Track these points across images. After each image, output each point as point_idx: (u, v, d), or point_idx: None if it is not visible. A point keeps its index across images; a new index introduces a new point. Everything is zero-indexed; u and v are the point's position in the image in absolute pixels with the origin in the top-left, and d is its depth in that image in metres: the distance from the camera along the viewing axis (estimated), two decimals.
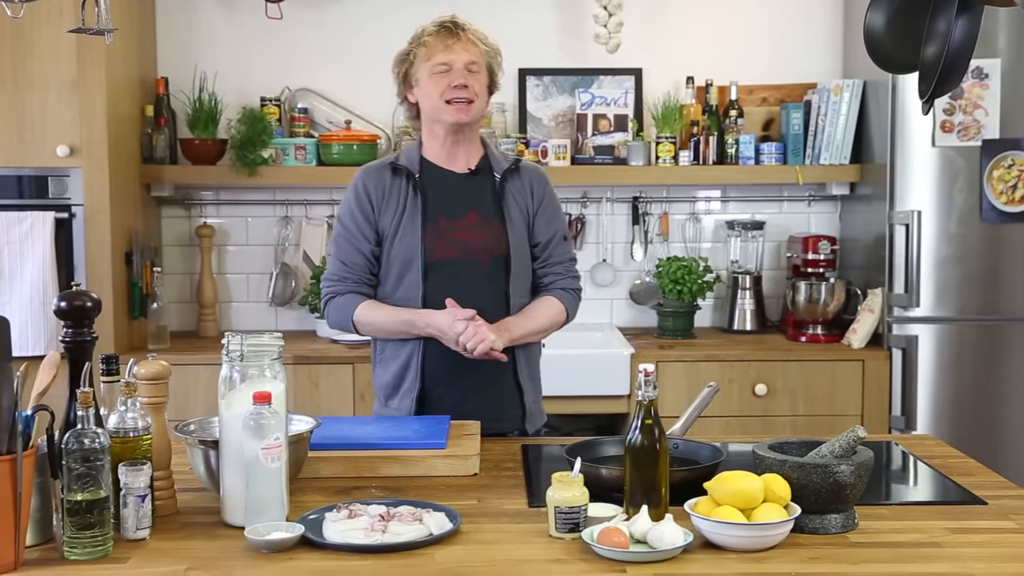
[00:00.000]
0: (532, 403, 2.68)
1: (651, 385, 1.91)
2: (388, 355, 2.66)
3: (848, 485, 1.87)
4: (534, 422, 2.69)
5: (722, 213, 4.39)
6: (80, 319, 1.93)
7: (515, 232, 2.61)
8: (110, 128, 3.72)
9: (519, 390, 2.64)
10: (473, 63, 2.57)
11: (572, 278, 2.72)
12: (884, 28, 2.43)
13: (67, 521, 1.76)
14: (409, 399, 2.61)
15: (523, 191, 2.65)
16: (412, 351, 2.60)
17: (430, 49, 2.57)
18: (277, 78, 4.25)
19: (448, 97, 2.55)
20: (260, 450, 1.85)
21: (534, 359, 2.71)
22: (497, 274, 2.60)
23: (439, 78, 2.56)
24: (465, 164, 2.65)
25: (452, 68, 2.55)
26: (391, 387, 2.66)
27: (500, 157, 2.69)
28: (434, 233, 2.58)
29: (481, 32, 2.64)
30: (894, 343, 3.82)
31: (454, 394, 2.60)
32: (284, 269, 4.27)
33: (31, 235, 3.67)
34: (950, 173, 3.77)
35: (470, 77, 2.56)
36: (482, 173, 2.65)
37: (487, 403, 2.59)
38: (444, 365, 2.57)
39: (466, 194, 2.62)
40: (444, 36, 2.57)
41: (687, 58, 4.29)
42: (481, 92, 2.59)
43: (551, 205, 2.69)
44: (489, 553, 1.80)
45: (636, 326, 4.32)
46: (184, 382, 3.62)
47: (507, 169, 2.65)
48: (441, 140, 2.63)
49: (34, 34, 3.62)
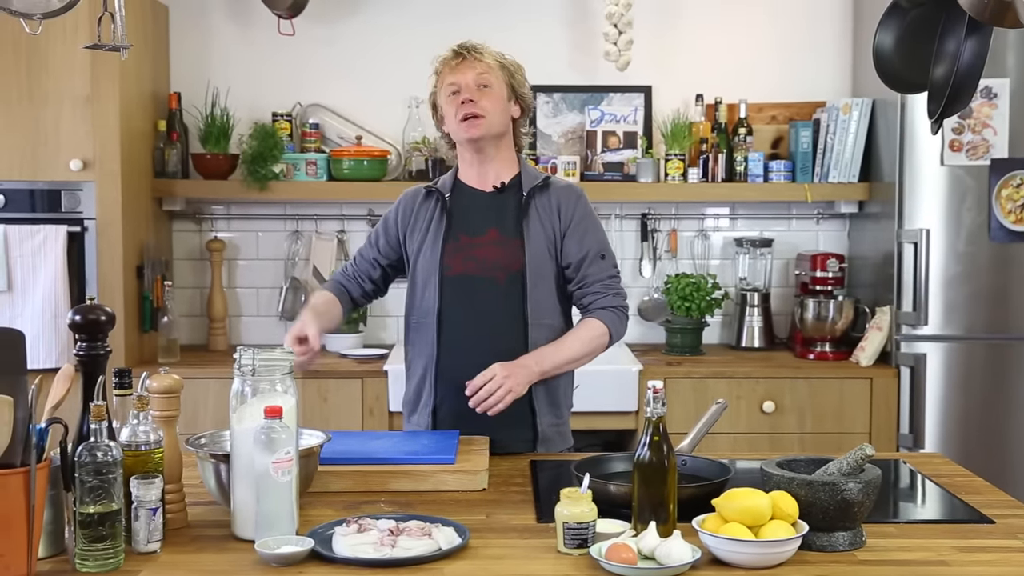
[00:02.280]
0: (548, 427, 2.63)
1: (659, 402, 1.92)
2: (411, 371, 2.70)
3: (856, 503, 1.87)
4: (548, 446, 2.63)
5: (731, 230, 4.40)
6: (94, 333, 1.94)
7: (533, 249, 2.59)
8: (123, 143, 3.75)
9: (532, 412, 2.61)
10: (482, 77, 2.58)
11: (613, 295, 2.65)
12: (893, 48, 2.45)
13: (79, 533, 1.77)
14: (426, 414, 2.64)
15: (549, 210, 2.62)
16: (427, 364, 2.63)
17: (442, 76, 2.63)
18: (289, 94, 4.27)
19: (460, 115, 2.58)
20: (271, 464, 1.86)
21: (554, 385, 2.64)
22: (514, 291, 2.59)
23: (452, 99, 2.60)
24: (495, 181, 2.66)
25: (460, 88, 2.59)
26: (412, 403, 2.70)
27: (532, 175, 2.68)
28: (454, 249, 2.61)
29: (494, 50, 2.65)
30: (902, 361, 3.82)
31: (461, 412, 2.54)
32: (294, 283, 4.28)
33: (44, 248, 3.69)
34: (959, 192, 3.77)
35: (479, 93, 2.57)
36: (510, 191, 2.65)
37: (495, 423, 2.52)
38: (455, 380, 2.56)
39: (490, 212, 2.63)
40: (451, 60, 2.62)
41: (697, 76, 4.31)
42: (493, 108, 2.58)
43: (583, 223, 2.63)
44: (497, 568, 1.80)
45: (644, 342, 4.33)
46: (194, 396, 3.63)
47: (534, 187, 2.64)
48: (469, 161, 2.67)
49: (49, 50, 3.65)
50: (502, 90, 2.62)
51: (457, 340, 2.60)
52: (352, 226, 4.32)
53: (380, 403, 3.73)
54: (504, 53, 2.68)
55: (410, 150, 4.18)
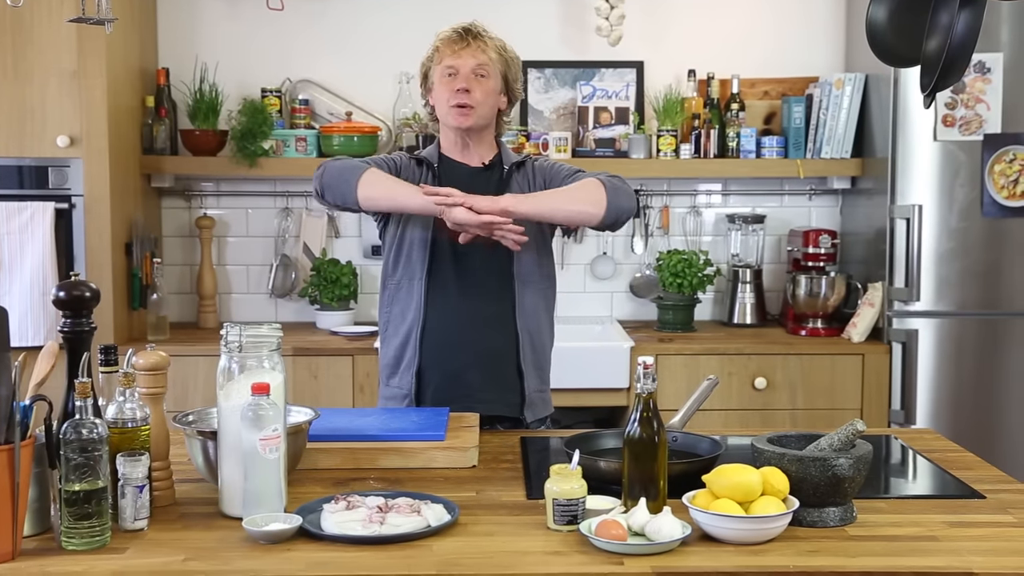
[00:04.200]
0: (534, 391, 2.66)
1: (650, 378, 1.91)
2: (390, 332, 2.68)
3: (847, 479, 1.87)
4: (534, 411, 2.67)
5: (723, 206, 4.38)
6: (79, 309, 1.93)
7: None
8: (110, 119, 3.72)
9: (520, 376, 2.64)
10: (481, 67, 2.60)
11: (605, 175, 2.61)
12: (886, 21, 2.43)
13: (65, 511, 1.76)
14: (408, 375, 2.62)
15: (529, 181, 2.68)
16: (412, 325, 2.62)
17: (441, 53, 2.62)
18: (278, 69, 4.24)
19: (452, 102, 2.59)
20: (258, 441, 1.85)
21: (541, 345, 2.69)
22: (500, 259, 2.60)
23: (447, 82, 2.60)
24: (479, 160, 2.70)
25: (458, 73, 2.59)
26: (392, 365, 2.67)
27: (512, 156, 2.73)
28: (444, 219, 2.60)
29: (498, 40, 2.67)
30: (894, 337, 3.82)
31: (448, 373, 2.60)
32: (284, 261, 4.26)
33: (31, 225, 3.67)
34: (951, 167, 3.76)
35: (474, 82, 2.59)
36: (493, 168, 2.69)
37: (483, 385, 2.60)
38: (442, 342, 2.60)
39: (475, 185, 2.62)
40: (455, 41, 2.61)
41: (689, 51, 4.28)
42: (486, 98, 2.61)
43: (557, 169, 2.68)
44: (487, 545, 1.80)
45: (636, 319, 4.32)
46: (183, 373, 3.62)
47: (514, 162, 2.69)
48: (452, 140, 2.69)
49: (34, 24, 3.62)
50: (497, 82, 2.64)
51: (444, 301, 2.61)
52: None
53: (371, 380, 3.72)
54: (506, 44, 2.68)
55: (400, 126, 4.16)
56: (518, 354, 2.62)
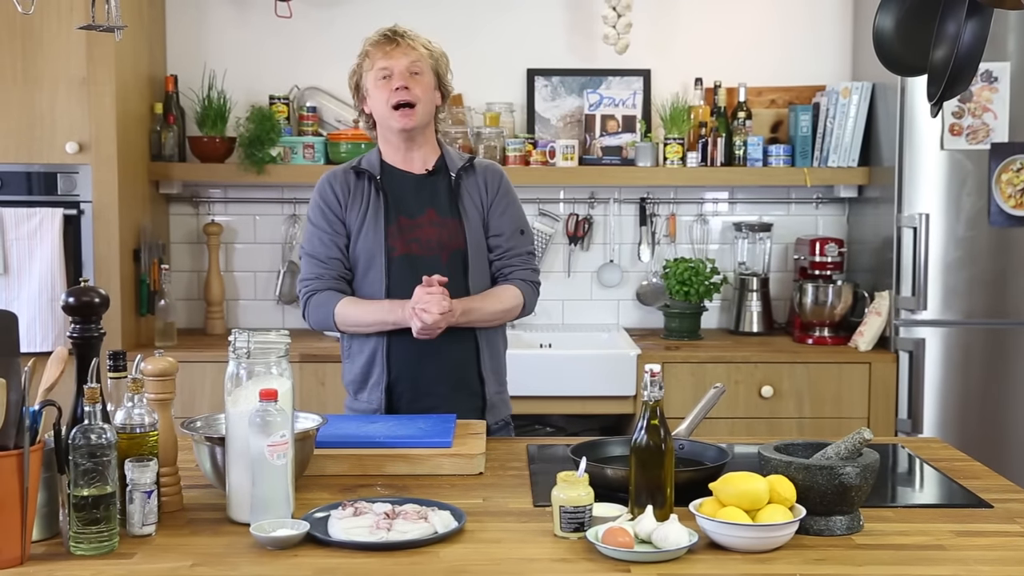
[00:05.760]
0: (494, 394, 2.73)
1: (657, 386, 1.91)
2: (355, 350, 2.72)
3: (853, 487, 1.86)
4: (495, 413, 2.73)
5: (729, 215, 4.38)
6: (88, 315, 1.93)
7: (471, 228, 2.68)
8: (119, 125, 3.73)
9: (481, 382, 2.70)
10: (415, 64, 2.64)
11: (531, 270, 2.76)
12: (893, 30, 2.43)
13: (73, 516, 1.77)
14: (378, 392, 2.67)
15: (478, 187, 2.72)
16: (377, 345, 2.66)
17: (372, 58, 2.66)
18: (286, 76, 4.26)
19: (392, 102, 2.62)
20: (266, 447, 1.85)
21: (496, 352, 2.76)
22: (456, 268, 2.65)
23: (383, 84, 2.63)
24: (422, 166, 2.72)
25: (392, 73, 2.63)
26: (359, 381, 2.71)
27: (456, 157, 2.76)
28: (396, 231, 2.65)
29: (423, 38, 2.70)
30: (901, 346, 3.81)
31: (418, 386, 2.65)
32: (291, 267, 4.27)
33: (40, 231, 3.68)
34: (958, 176, 3.76)
35: (411, 80, 2.62)
36: (439, 173, 2.72)
37: (450, 394, 2.65)
38: (408, 358, 2.64)
39: (424, 194, 2.69)
40: (383, 44, 2.66)
41: (696, 59, 4.29)
42: (424, 95, 2.64)
43: (505, 198, 2.74)
44: (494, 552, 1.80)
45: (643, 327, 4.32)
46: (191, 379, 3.63)
47: (461, 168, 2.72)
48: (395, 145, 2.71)
49: (44, 31, 3.63)
50: (431, 79, 2.68)
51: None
52: None
53: None
54: (431, 40, 2.72)
55: None
56: (479, 362, 2.69)
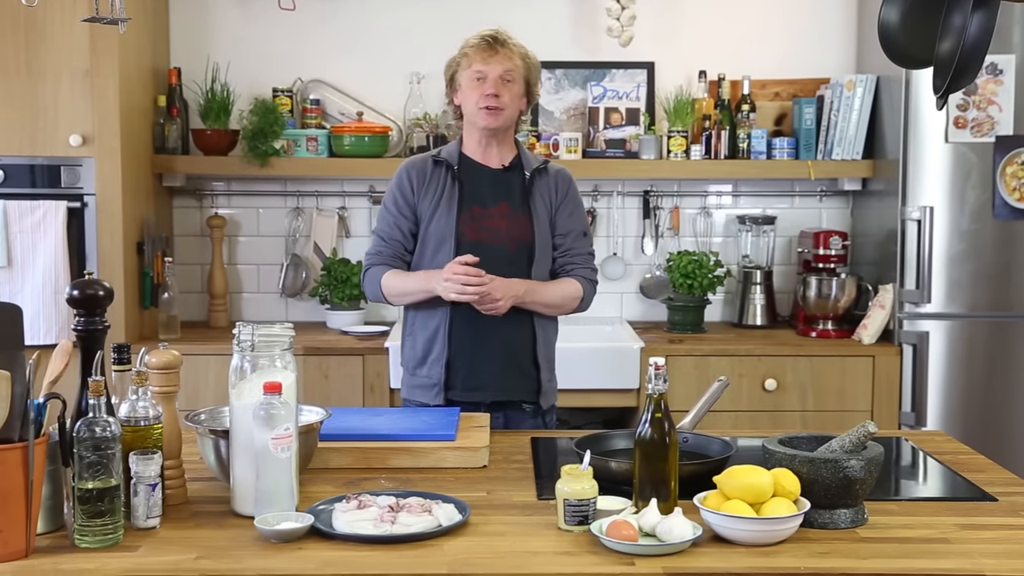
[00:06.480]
0: (547, 382, 2.86)
1: (661, 379, 1.91)
2: (418, 326, 2.85)
3: (858, 480, 1.86)
4: (547, 399, 2.87)
5: (733, 208, 4.38)
6: (92, 308, 1.93)
7: (540, 224, 2.83)
8: (123, 118, 3.73)
9: (536, 367, 2.83)
10: (509, 73, 2.78)
11: (591, 269, 2.92)
12: (899, 23, 2.42)
13: (78, 509, 1.77)
14: (438, 367, 2.78)
15: (549, 188, 2.88)
16: (440, 322, 2.79)
17: (471, 59, 2.81)
18: (289, 69, 4.25)
19: (482, 104, 2.77)
20: (270, 440, 1.86)
21: (549, 341, 2.89)
22: (521, 259, 2.80)
23: (476, 85, 2.79)
24: (499, 161, 2.88)
25: (487, 78, 2.77)
26: (420, 357, 2.83)
27: (532, 158, 2.92)
28: (468, 218, 2.80)
29: (522, 47, 2.85)
30: (905, 339, 3.81)
31: (474, 364, 2.78)
32: (295, 260, 4.27)
33: (43, 224, 3.68)
34: (963, 169, 3.75)
35: (503, 87, 2.78)
36: (514, 170, 2.87)
37: (504, 375, 2.79)
38: (468, 336, 2.78)
39: (499, 187, 2.85)
40: (484, 48, 2.80)
41: (700, 52, 4.28)
42: (512, 101, 2.80)
43: (573, 201, 2.91)
44: (498, 545, 1.80)
45: (646, 320, 4.32)
46: (194, 372, 3.63)
47: (536, 168, 2.88)
48: (477, 140, 2.87)
49: (47, 23, 3.63)
50: (520, 87, 2.83)
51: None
52: (353, 203, 4.31)
53: (381, 380, 3.72)
54: (528, 50, 2.86)
55: (411, 126, 4.16)
56: (534, 347, 2.82)
